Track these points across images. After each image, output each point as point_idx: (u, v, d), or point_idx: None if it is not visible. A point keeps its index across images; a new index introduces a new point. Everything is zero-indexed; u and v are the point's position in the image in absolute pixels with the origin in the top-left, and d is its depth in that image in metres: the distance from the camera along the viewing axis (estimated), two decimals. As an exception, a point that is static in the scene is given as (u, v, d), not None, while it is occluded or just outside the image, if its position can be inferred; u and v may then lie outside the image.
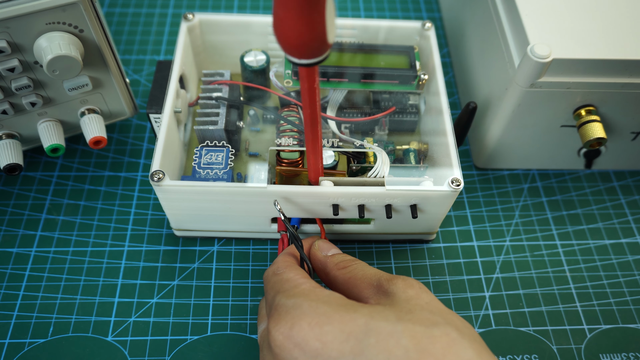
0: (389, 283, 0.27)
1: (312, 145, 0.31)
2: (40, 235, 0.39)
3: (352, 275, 0.29)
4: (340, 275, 0.29)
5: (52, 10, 0.31)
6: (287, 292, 0.26)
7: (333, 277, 0.30)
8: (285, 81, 0.39)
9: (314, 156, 0.32)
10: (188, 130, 0.42)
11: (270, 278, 0.29)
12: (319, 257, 0.31)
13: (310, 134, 0.30)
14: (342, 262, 0.30)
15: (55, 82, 0.35)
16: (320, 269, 0.31)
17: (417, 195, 0.34)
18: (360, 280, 0.28)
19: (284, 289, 0.27)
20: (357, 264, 0.30)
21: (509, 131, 0.40)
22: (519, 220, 0.42)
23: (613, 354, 0.36)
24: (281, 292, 0.26)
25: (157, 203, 0.41)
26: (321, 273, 0.31)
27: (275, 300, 0.26)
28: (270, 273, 0.29)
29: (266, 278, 0.29)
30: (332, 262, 0.30)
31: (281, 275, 0.28)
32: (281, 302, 0.25)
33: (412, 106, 0.41)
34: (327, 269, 0.30)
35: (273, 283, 0.28)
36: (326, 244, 0.32)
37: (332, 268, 0.30)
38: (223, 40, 0.43)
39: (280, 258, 0.30)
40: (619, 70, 0.36)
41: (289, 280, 0.27)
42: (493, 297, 0.38)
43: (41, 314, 0.36)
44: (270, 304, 0.27)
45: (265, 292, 0.29)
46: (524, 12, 0.37)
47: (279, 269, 0.29)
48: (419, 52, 0.42)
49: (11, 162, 0.36)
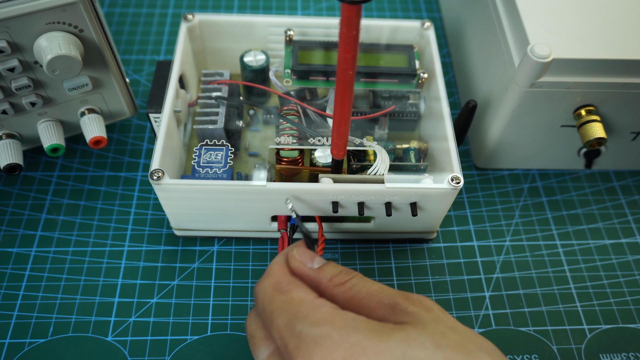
0: (406, 302, 0.24)
1: (340, 109, 0.28)
2: (40, 235, 0.39)
3: (354, 293, 0.25)
4: (340, 294, 0.26)
5: (52, 10, 0.31)
6: (307, 318, 0.23)
7: (330, 296, 0.26)
8: (285, 81, 0.39)
9: (341, 124, 0.29)
10: (188, 130, 0.42)
11: (274, 297, 0.25)
12: (307, 272, 0.27)
13: (340, 95, 0.27)
14: (337, 278, 0.26)
15: (55, 82, 0.35)
16: (312, 286, 0.27)
17: (417, 193, 0.34)
18: (367, 300, 0.25)
19: (301, 314, 0.23)
20: (356, 278, 0.26)
21: (509, 131, 0.40)
22: (519, 220, 0.42)
23: (613, 354, 0.36)
24: (299, 317, 0.23)
25: (157, 203, 0.41)
26: (314, 289, 0.27)
27: (294, 328, 0.23)
28: (270, 289, 0.25)
29: (264, 294, 0.25)
30: (325, 278, 0.26)
31: (289, 294, 0.25)
32: (305, 331, 0.23)
33: (411, 105, 0.41)
34: (320, 286, 0.26)
35: (281, 304, 0.24)
36: (306, 252, 0.28)
37: (327, 286, 0.26)
38: (223, 40, 0.43)
39: (277, 269, 0.27)
40: (619, 70, 0.36)
41: (303, 302, 0.24)
42: (493, 297, 0.38)
43: (41, 314, 0.36)
44: (284, 330, 0.23)
45: (263, 312, 0.25)
46: (524, 12, 0.37)
47: (282, 286, 0.25)
48: (419, 52, 0.42)
49: (11, 162, 0.36)
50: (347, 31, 0.24)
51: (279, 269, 0.27)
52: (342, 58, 0.25)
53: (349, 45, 0.25)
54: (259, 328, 0.26)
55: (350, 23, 0.24)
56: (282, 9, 0.57)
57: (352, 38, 0.24)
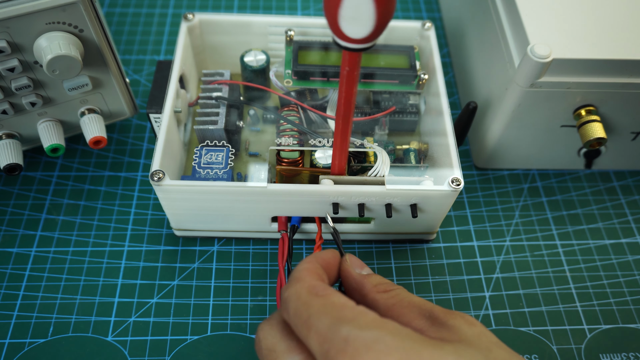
0: (447, 316, 0.24)
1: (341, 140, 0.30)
2: (40, 235, 0.39)
3: (396, 301, 0.25)
4: (382, 300, 0.25)
5: (52, 10, 0.31)
6: (357, 321, 0.22)
7: (372, 301, 0.26)
8: (285, 81, 0.39)
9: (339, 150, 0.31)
10: (188, 130, 0.42)
11: (311, 301, 0.23)
12: (353, 276, 0.27)
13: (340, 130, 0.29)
14: (382, 285, 0.26)
15: (55, 82, 0.35)
16: (355, 289, 0.27)
17: (417, 195, 0.34)
18: (408, 309, 0.25)
19: (347, 317, 0.22)
20: (400, 289, 0.26)
21: (509, 131, 0.40)
22: (519, 220, 0.42)
23: (613, 354, 0.36)
24: (346, 320, 0.22)
25: (157, 203, 0.41)
26: (355, 293, 0.27)
27: (340, 331, 0.22)
28: (304, 293, 0.24)
29: (297, 299, 0.24)
30: (371, 284, 0.26)
31: (328, 298, 0.23)
32: (353, 333, 0.21)
33: (412, 106, 0.41)
34: (364, 290, 0.26)
35: (320, 307, 0.23)
36: (357, 260, 0.28)
37: (370, 290, 0.26)
38: (223, 40, 0.43)
39: (306, 274, 0.25)
40: (619, 70, 0.36)
41: (347, 307, 0.23)
42: (493, 297, 0.38)
43: (41, 314, 0.36)
44: (326, 333, 0.22)
45: (298, 316, 0.23)
46: (524, 12, 0.37)
47: (318, 290, 0.24)
48: (419, 52, 0.42)
49: (11, 162, 0.36)
50: (351, 73, 0.26)
51: (309, 274, 0.25)
52: (345, 98, 0.28)
53: (352, 86, 0.27)
54: (280, 340, 0.24)
55: (354, 65, 0.25)
56: (282, 9, 0.57)
57: (355, 78, 0.26)
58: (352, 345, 0.21)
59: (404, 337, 0.21)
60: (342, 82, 0.27)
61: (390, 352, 0.20)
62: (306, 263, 0.27)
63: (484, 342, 0.23)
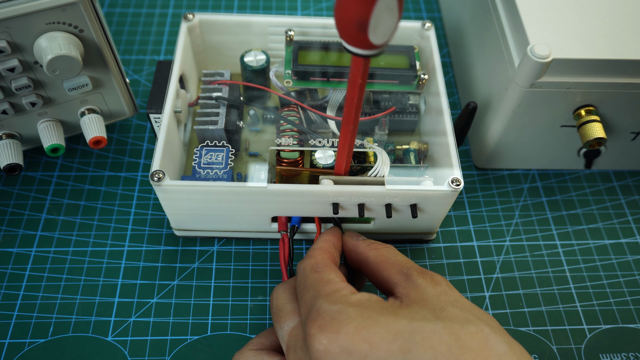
0: (419, 275, 0.28)
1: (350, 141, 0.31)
2: (40, 235, 0.39)
3: (384, 257, 0.30)
4: (373, 256, 0.30)
5: (52, 10, 0.31)
6: (330, 296, 0.26)
7: (364, 257, 0.31)
8: (285, 81, 0.39)
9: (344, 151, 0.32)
10: (188, 130, 0.42)
11: (309, 274, 0.28)
12: (350, 241, 0.32)
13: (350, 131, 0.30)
14: (374, 244, 0.31)
15: (55, 82, 0.35)
16: (352, 250, 0.32)
17: (417, 195, 0.34)
18: (392, 265, 0.29)
19: (325, 292, 0.26)
20: (389, 247, 0.31)
21: (509, 131, 0.40)
22: (519, 220, 0.42)
23: (613, 354, 0.36)
24: (323, 295, 0.26)
25: (157, 203, 0.41)
26: (352, 254, 0.32)
27: (315, 303, 0.26)
28: (308, 268, 0.29)
29: (303, 271, 0.29)
30: (365, 243, 0.31)
31: (321, 274, 0.28)
32: (323, 306, 0.26)
33: (412, 106, 0.41)
34: (358, 249, 0.31)
35: (312, 281, 0.28)
36: (354, 233, 0.33)
37: (364, 248, 0.31)
38: (223, 40, 0.43)
39: (318, 253, 0.30)
40: (619, 70, 0.36)
41: (330, 282, 0.27)
42: (493, 297, 0.38)
43: (41, 314, 0.36)
44: (309, 304, 0.26)
45: (298, 286, 0.29)
46: (524, 12, 0.37)
47: (319, 266, 0.28)
48: (419, 52, 0.42)
49: (11, 162, 0.36)
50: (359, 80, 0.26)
51: (320, 253, 0.30)
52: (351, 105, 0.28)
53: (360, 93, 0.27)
54: (288, 302, 0.29)
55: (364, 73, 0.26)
56: (282, 9, 0.57)
57: (363, 86, 0.27)
58: (321, 315, 0.25)
59: (364, 308, 0.25)
60: (354, 89, 0.27)
61: (349, 321, 0.24)
62: (321, 242, 0.32)
63: (440, 302, 0.26)
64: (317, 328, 0.25)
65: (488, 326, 0.25)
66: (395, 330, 0.24)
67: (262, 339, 0.31)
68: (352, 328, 0.24)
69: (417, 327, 0.24)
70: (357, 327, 0.24)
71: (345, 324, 0.24)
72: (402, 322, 0.24)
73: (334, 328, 0.24)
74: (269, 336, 0.31)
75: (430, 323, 0.24)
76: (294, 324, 0.28)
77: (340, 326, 0.24)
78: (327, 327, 0.25)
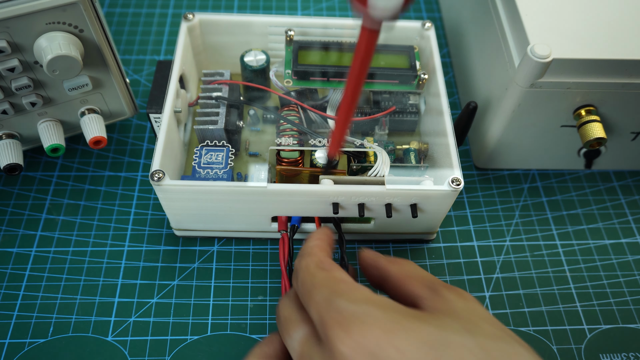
0: (445, 289, 0.26)
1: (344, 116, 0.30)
2: (40, 235, 0.39)
3: (408, 272, 0.28)
4: (395, 270, 0.28)
5: (52, 10, 0.31)
6: (349, 295, 0.24)
7: (385, 272, 0.29)
8: (285, 81, 0.39)
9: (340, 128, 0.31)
10: (188, 130, 0.42)
11: (316, 272, 0.26)
12: (369, 256, 0.30)
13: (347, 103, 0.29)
14: (395, 259, 0.30)
15: (55, 82, 0.35)
16: (371, 265, 0.30)
17: (417, 195, 0.34)
18: (416, 279, 0.27)
19: (342, 291, 0.24)
20: (410, 262, 0.30)
21: (509, 131, 0.40)
22: (519, 220, 0.42)
23: (613, 354, 0.36)
24: (340, 293, 0.24)
25: (157, 203, 0.41)
26: (371, 269, 0.30)
27: (333, 302, 0.24)
28: (312, 265, 0.27)
29: (306, 269, 0.27)
30: (385, 259, 0.30)
31: (331, 272, 0.26)
32: (343, 305, 0.23)
33: (412, 106, 0.41)
34: (378, 264, 0.29)
35: (323, 279, 0.25)
36: (373, 251, 0.32)
37: (385, 263, 0.29)
38: (223, 40, 0.43)
39: (317, 250, 0.28)
40: (619, 70, 0.36)
41: (344, 282, 0.25)
42: (493, 297, 0.38)
43: (41, 314, 0.36)
44: (322, 304, 0.24)
45: (304, 285, 0.26)
46: (524, 12, 0.37)
47: (324, 264, 0.27)
48: (419, 52, 0.42)
49: (11, 162, 0.36)
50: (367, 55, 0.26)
51: (320, 251, 0.28)
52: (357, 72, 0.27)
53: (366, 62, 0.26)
54: (295, 311, 0.27)
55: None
56: (282, 9, 0.57)
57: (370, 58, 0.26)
58: (342, 315, 0.23)
59: (389, 309, 0.23)
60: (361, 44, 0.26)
61: (376, 323, 0.23)
62: (316, 240, 0.30)
63: (472, 317, 0.24)
64: (341, 329, 0.23)
65: (521, 346, 0.23)
66: (425, 338, 0.22)
67: (265, 348, 0.29)
68: (379, 331, 0.22)
69: (447, 337, 0.23)
70: (384, 331, 0.22)
71: (370, 325, 0.22)
72: (431, 329, 0.23)
73: (359, 330, 0.22)
74: (270, 344, 0.29)
75: (461, 336, 0.23)
76: (304, 332, 0.26)
77: (366, 328, 0.22)
78: (351, 328, 0.22)
